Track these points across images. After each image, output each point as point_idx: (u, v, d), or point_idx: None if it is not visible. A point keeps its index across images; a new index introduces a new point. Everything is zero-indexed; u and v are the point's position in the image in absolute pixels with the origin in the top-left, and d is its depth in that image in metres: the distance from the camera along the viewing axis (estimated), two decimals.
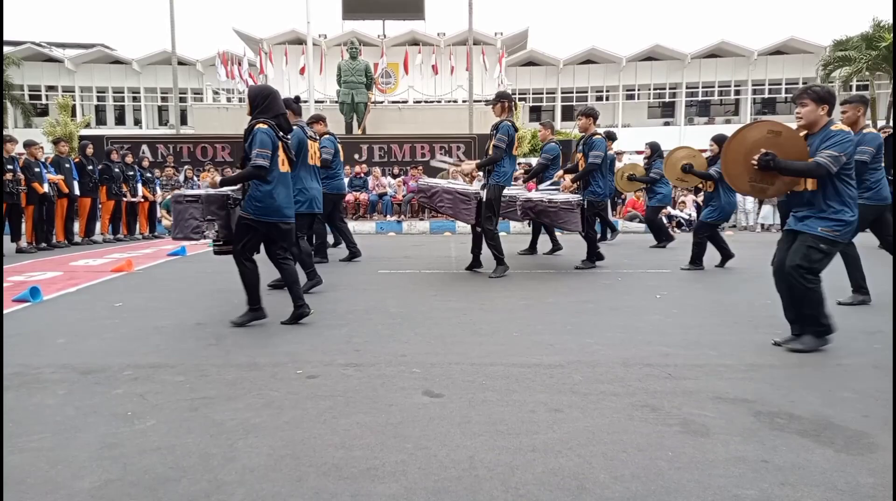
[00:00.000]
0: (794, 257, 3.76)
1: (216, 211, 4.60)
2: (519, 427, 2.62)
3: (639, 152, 13.84)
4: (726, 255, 7.57)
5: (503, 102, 6.81)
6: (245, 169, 4.32)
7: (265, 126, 4.31)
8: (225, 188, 4.70)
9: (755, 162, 3.70)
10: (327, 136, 7.70)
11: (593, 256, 7.50)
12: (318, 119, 7.66)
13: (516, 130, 6.82)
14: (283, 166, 4.49)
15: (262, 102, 4.40)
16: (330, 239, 8.96)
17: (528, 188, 9.44)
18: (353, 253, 8.29)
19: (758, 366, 3.48)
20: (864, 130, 5.09)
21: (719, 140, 6.94)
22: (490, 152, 6.60)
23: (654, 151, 10.24)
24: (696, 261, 7.34)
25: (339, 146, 8.01)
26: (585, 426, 2.64)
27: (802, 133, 3.77)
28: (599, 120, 7.29)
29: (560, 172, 8.22)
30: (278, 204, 4.41)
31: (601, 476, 2.19)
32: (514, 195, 7.80)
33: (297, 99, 6.17)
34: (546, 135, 9.24)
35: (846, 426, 2.62)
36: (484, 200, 6.56)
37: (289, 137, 4.67)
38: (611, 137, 9.48)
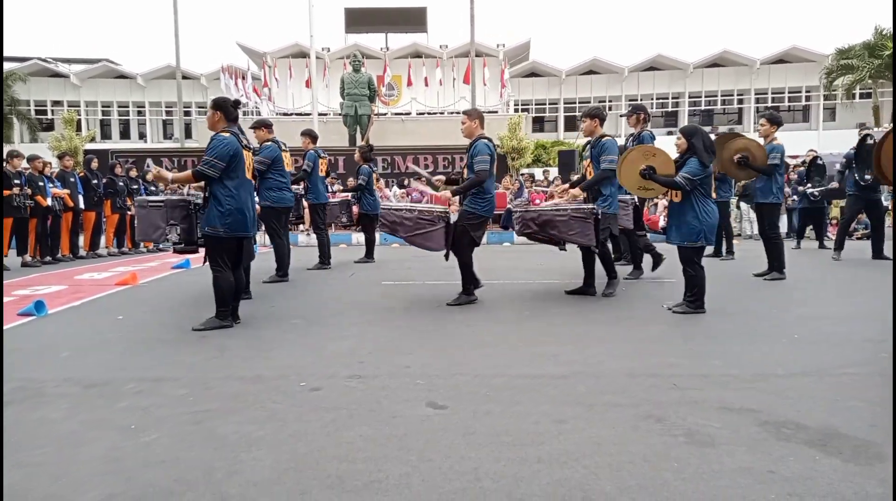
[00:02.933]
0: None
1: (179, 216, 5.06)
2: (524, 439, 2.61)
3: None
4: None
5: (639, 114, 6.95)
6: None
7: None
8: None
9: None
10: (268, 143, 7.19)
11: (613, 272, 6.34)
12: (259, 125, 7.27)
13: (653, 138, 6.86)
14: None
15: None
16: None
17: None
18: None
19: (763, 376, 3.46)
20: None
21: (689, 133, 5.19)
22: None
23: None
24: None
25: (285, 155, 7.47)
26: (590, 437, 2.63)
27: None
28: (605, 130, 6.56)
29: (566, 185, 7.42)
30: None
31: (606, 488, 2.17)
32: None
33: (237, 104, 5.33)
34: (359, 158, 8.74)
35: (853, 436, 2.59)
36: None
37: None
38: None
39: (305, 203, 8.80)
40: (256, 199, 5.70)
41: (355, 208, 9.88)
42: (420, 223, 5.78)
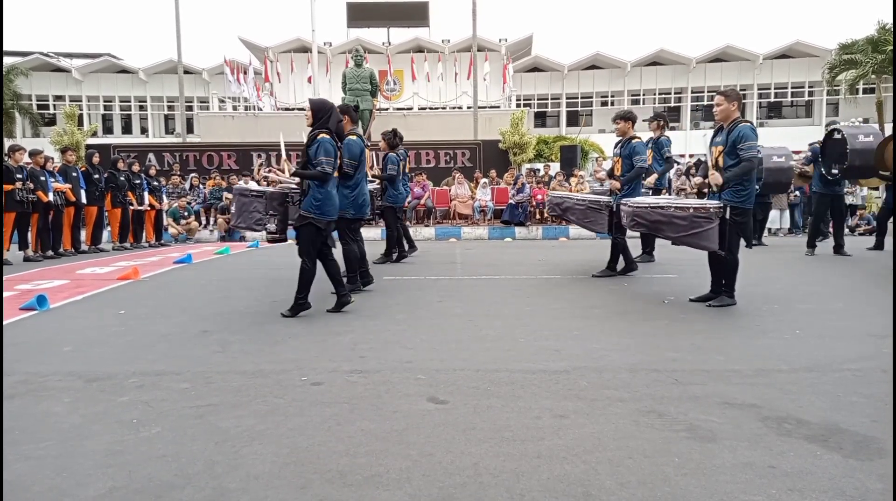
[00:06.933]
0: None
1: (277, 207, 5.14)
2: (524, 434, 2.61)
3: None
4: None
5: (659, 121, 8.46)
6: (315, 170, 4.91)
7: (328, 136, 4.95)
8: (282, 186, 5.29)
9: None
10: (353, 138, 6.28)
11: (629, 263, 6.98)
12: (345, 111, 6.34)
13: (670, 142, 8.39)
14: (335, 172, 5.22)
15: (324, 115, 5.00)
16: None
17: None
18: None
19: (765, 371, 3.46)
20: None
21: None
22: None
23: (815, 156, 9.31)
24: None
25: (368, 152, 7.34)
26: (591, 432, 2.63)
27: None
28: (606, 125, 6.90)
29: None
30: (334, 204, 5.11)
31: (607, 483, 2.17)
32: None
33: (357, 107, 5.98)
34: (384, 146, 8.84)
35: (854, 431, 2.59)
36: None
37: (340, 144, 5.34)
38: None
39: None
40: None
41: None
42: (696, 222, 5.12)
